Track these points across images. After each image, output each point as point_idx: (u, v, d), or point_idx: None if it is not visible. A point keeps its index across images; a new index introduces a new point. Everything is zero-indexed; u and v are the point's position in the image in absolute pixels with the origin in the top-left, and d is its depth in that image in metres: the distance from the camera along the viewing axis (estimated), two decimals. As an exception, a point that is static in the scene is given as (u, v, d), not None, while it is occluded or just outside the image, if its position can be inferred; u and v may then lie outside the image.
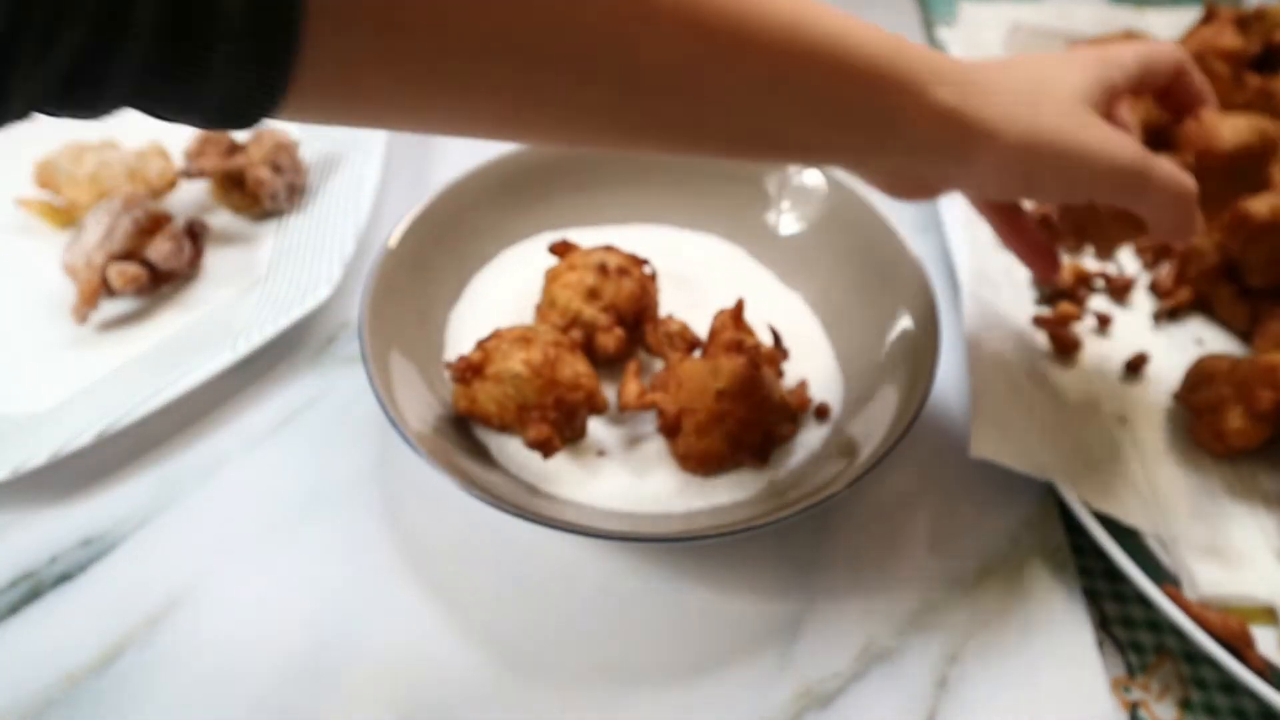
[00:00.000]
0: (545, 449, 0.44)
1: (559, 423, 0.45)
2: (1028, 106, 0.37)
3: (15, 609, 0.44)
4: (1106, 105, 0.40)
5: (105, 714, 0.40)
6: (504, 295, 0.54)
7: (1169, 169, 0.40)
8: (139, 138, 0.61)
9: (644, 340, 0.50)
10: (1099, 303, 0.58)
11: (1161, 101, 0.46)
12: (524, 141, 0.36)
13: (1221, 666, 0.40)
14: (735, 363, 0.45)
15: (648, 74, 0.32)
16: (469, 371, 0.45)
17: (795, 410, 0.48)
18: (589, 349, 0.49)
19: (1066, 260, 0.61)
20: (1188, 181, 0.40)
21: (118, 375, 0.51)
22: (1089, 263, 0.61)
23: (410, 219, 0.52)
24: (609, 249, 0.51)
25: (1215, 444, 0.49)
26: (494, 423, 0.46)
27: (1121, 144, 0.38)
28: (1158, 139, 0.63)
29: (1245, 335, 0.56)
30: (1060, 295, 0.58)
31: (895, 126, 0.36)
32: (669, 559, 0.46)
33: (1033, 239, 0.46)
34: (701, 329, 0.51)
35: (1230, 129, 0.48)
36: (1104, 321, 0.56)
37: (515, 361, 0.45)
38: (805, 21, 0.33)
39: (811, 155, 0.38)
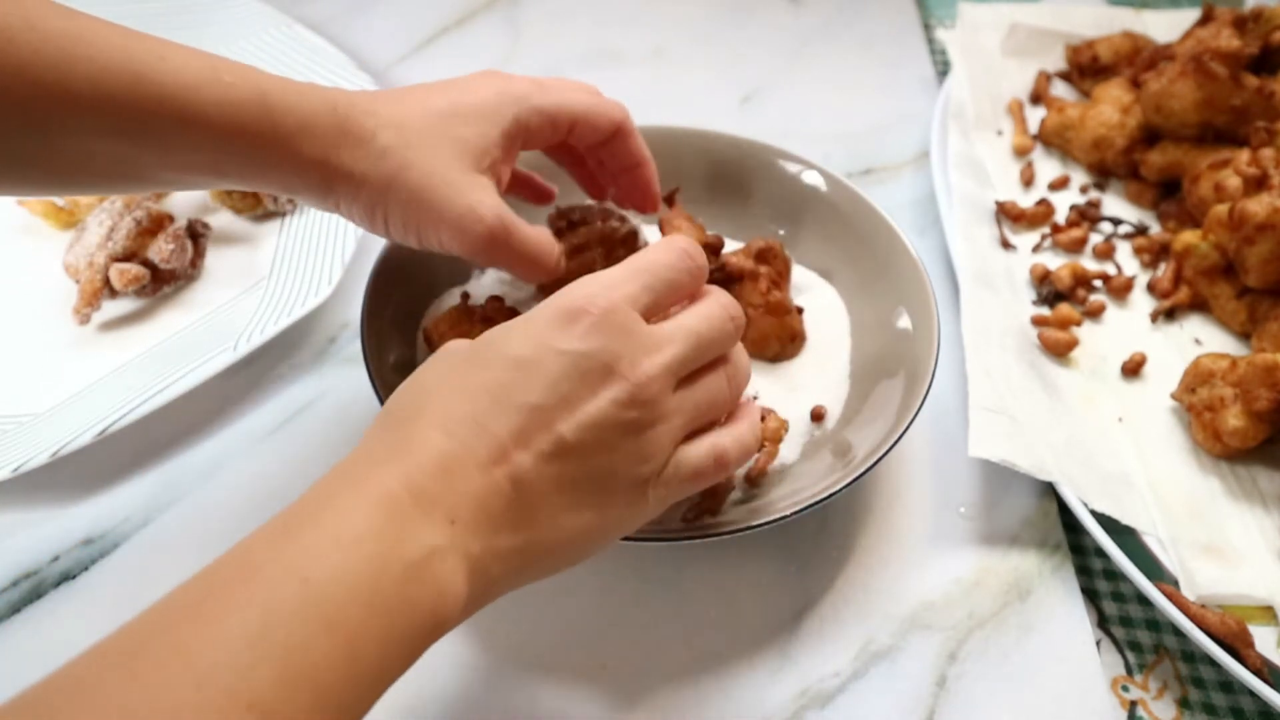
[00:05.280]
0: None
1: None
2: (397, 160, 0.39)
3: (17, 608, 0.44)
4: (507, 154, 0.42)
5: (107, 713, 0.40)
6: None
7: (526, 235, 0.42)
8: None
9: None
10: (1097, 301, 0.58)
11: (602, 158, 0.47)
12: None
13: (1220, 665, 0.41)
14: None
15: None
16: None
17: None
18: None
19: (1064, 260, 0.61)
20: (538, 246, 0.43)
21: (119, 375, 0.51)
22: (1088, 263, 0.61)
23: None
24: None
25: (1213, 443, 0.49)
26: None
27: (474, 217, 0.40)
28: (1170, 186, 0.64)
29: (1243, 335, 0.56)
30: (1059, 296, 0.58)
31: (264, 172, 0.38)
32: (669, 559, 0.46)
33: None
34: None
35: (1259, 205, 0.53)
36: (1098, 310, 0.57)
37: None
38: (149, 76, 0.34)
39: (199, 186, 0.40)
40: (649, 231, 0.53)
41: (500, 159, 0.42)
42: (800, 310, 0.51)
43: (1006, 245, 0.62)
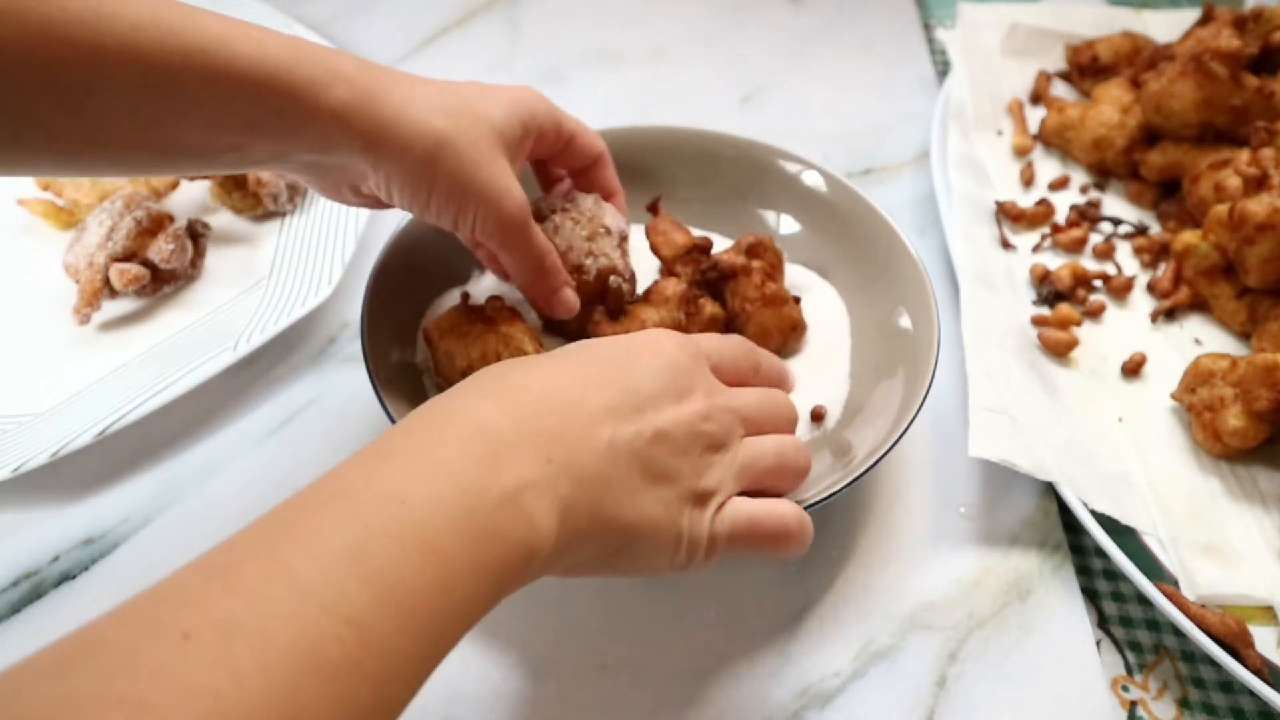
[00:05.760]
0: None
1: None
2: (443, 125, 0.39)
3: (17, 608, 0.44)
4: (521, 147, 0.43)
5: (107, 713, 0.40)
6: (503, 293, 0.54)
7: (540, 236, 0.44)
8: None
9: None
10: (1097, 301, 0.58)
11: (581, 186, 0.50)
12: None
13: (1220, 665, 0.41)
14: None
15: (18, 84, 0.31)
16: None
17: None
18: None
19: (1064, 260, 0.61)
20: (549, 255, 0.44)
21: (118, 375, 0.51)
22: (1088, 263, 0.61)
23: (410, 218, 0.52)
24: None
25: (1213, 444, 0.49)
26: None
27: (512, 196, 0.41)
28: (1170, 186, 0.64)
29: (1243, 335, 0.56)
30: (1059, 296, 0.58)
31: (301, 124, 0.37)
32: (669, 558, 0.46)
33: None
34: None
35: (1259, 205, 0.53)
36: (1098, 310, 0.57)
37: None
38: (176, 29, 0.33)
39: (229, 156, 0.37)
40: (638, 232, 0.53)
41: (518, 152, 0.43)
42: (797, 300, 0.51)
43: (1006, 245, 0.62)
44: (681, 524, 0.34)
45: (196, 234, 0.57)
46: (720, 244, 0.56)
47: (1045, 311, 0.57)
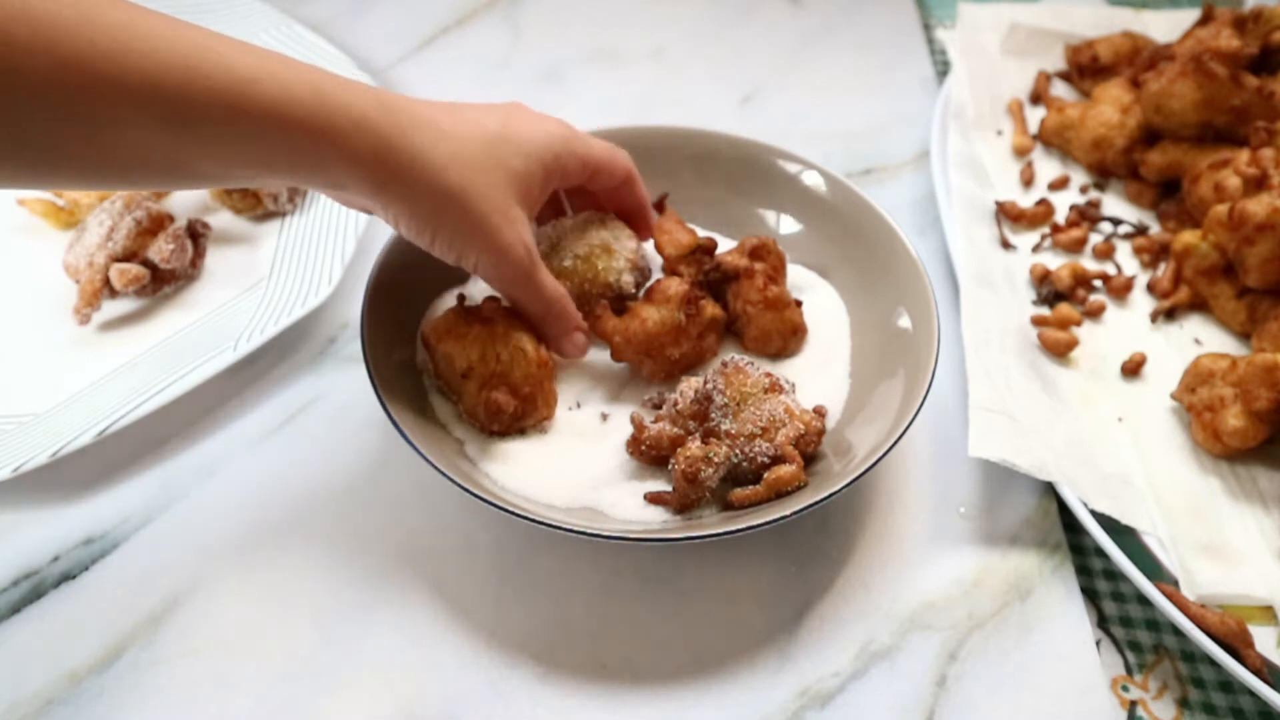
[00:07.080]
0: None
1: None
2: (455, 178, 0.40)
3: (17, 608, 0.44)
4: (543, 188, 0.45)
5: (107, 712, 0.40)
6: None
7: (548, 283, 0.45)
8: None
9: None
10: (1097, 301, 0.58)
11: (608, 201, 0.51)
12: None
13: (1220, 665, 0.41)
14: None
15: (41, 112, 0.32)
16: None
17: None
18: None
19: (1064, 260, 0.61)
20: (557, 302, 0.46)
21: (118, 375, 0.51)
22: (1088, 263, 0.61)
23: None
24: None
25: (1213, 443, 0.49)
26: None
27: (514, 251, 0.43)
28: (1170, 186, 0.64)
29: (1243, 335, 0.56)
30: (1058, 296, 0.58)
31: (316, 166, 0.38)
32: (669, 559, 0.46)
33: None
34: None
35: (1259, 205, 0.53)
36: (1098, 310, 0.57)
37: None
38: (204, 70, 0.34)
39: (240, 182, 0.39)
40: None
41: (538, 195, 0.45)
42: (799, 303, 0.51)
43: (1006, 245, 0.62)
44: None
45: (196, 234, 0.57)
46: (720, 244, 0.56)
47: (1045, 311, 0.57)
